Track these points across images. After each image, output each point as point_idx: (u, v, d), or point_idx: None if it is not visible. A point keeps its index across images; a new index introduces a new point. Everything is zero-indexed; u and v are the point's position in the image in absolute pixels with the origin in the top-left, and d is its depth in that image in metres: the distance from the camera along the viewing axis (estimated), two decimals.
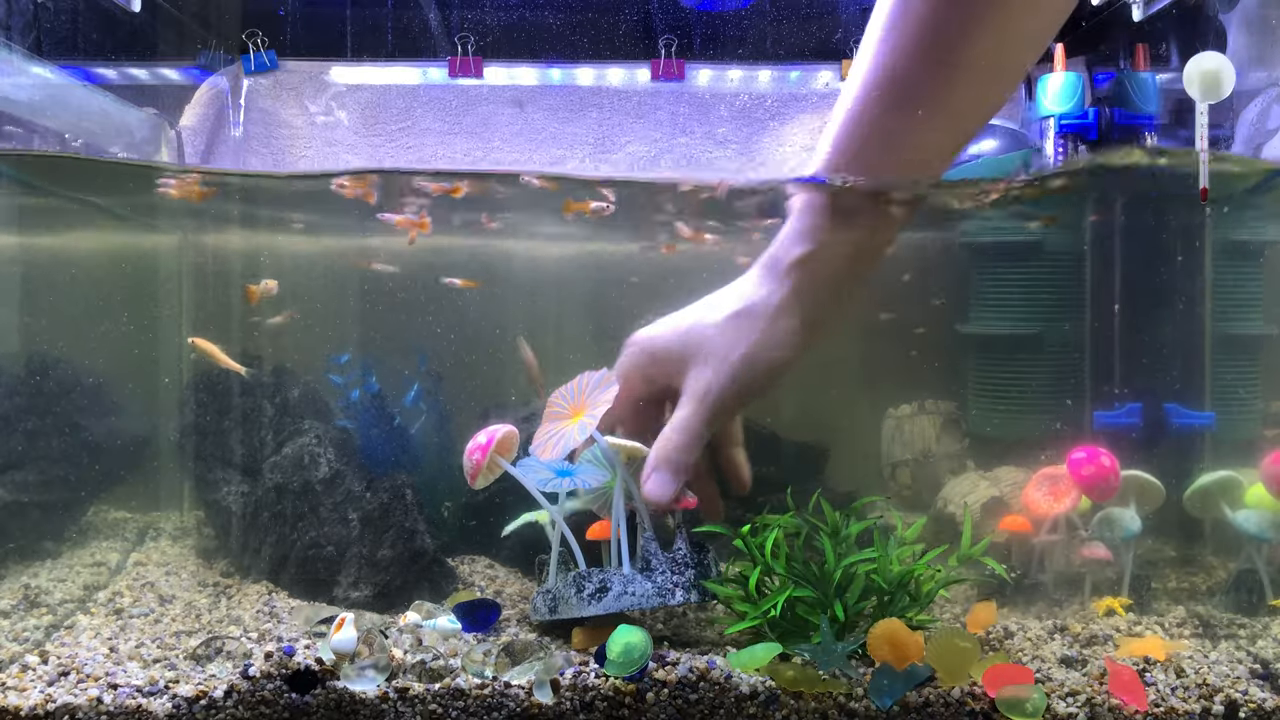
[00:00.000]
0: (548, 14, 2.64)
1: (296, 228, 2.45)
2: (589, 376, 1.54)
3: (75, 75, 2.47)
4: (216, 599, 1.83)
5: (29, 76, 2.20)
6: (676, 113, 2.73)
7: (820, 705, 1.34)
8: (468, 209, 2.22)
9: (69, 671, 1.43)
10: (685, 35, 2.69)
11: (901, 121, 1.33)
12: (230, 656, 1.47)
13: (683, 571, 1.48)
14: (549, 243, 2.52)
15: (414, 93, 2.73)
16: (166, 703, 1.34)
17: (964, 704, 1.34)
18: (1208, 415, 1.96)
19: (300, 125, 2.72)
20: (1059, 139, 2.25)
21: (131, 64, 2.63)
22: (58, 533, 2.16)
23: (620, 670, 1.36)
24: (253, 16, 2.68)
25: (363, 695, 1.36)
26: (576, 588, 1.49)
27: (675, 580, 1.48)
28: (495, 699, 1.36)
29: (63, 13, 2.31)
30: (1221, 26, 2.25)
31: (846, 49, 2.69)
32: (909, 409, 2.31)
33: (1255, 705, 1.36)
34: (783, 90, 2.72)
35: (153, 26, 2.58)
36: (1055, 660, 1.50)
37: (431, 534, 1.85)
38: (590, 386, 1.52)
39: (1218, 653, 1.54)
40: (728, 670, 1.37)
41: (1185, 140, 2.25)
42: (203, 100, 2.68)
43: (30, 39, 2.19)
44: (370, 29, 2.70)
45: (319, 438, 1.95)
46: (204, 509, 2.11)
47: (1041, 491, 1.76)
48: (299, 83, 2.71)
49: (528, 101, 2.73)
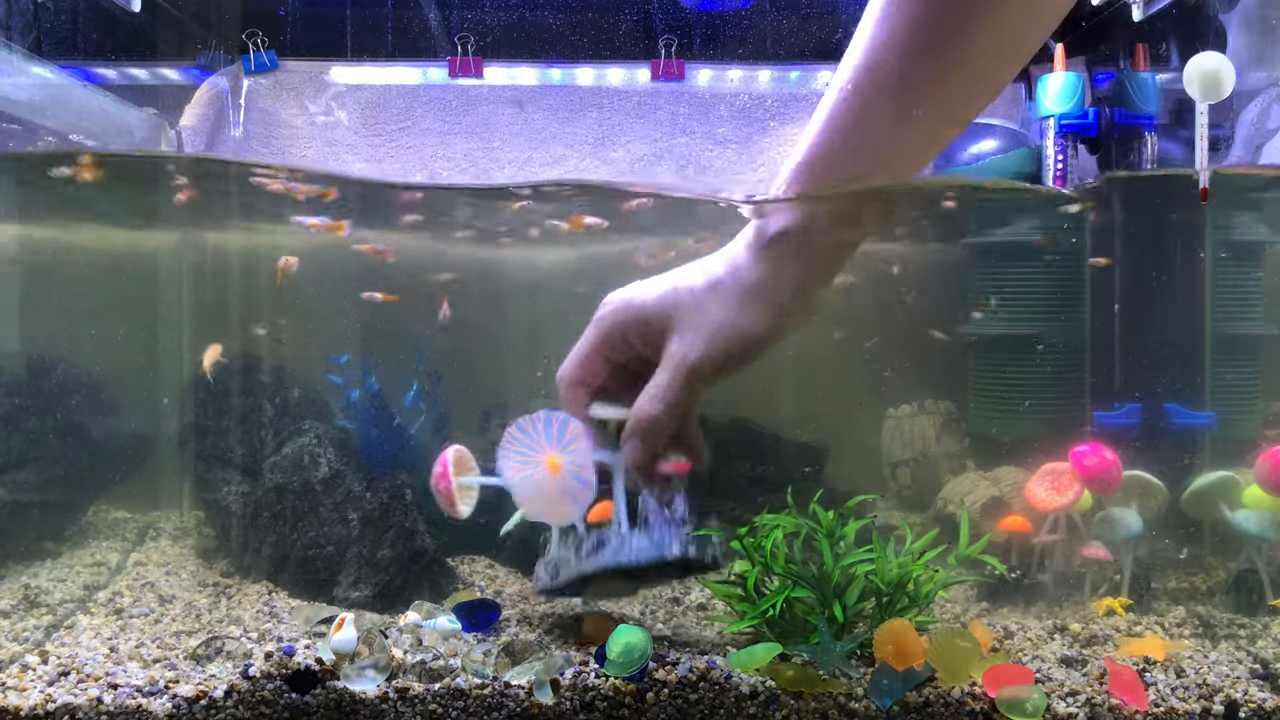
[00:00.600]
0: (548, 14, 2.64)
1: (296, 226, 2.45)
2: (553, 418, 1.51)
3: (75, 75, 2.47)
4: (216, 599, 1.83)
5: (29, 76, 2.20)
6: (676, 113, 2.73)
7: (820, 705, 1.34)
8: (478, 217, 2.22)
9: (69, 671, 1.43)
10: (685, 35, 2.69)
11: (887, 115, 1.31)
12: (230, 656, 1.47)
13: (679, 528, 1.49)
14: (542, 248, 2.53)
15: (414, 93, 2.73)
16: (166, 703, 1.34)
17: (964, 704, 1.34)
18: (1208, 415, 1.96)
19: (300, 125, 2.72)
20: (1059, 139, 2.25)
21: (131, 64, 2.63)
22: (58, 533, 2.16)
23: (620, 670, 1.36)
24: (253, 16, 2.68)
25: (363, 695, 1.36)
26: (575, 549, 1.50)
27: (672, 535, 1.48)
28: (495, 699, 1.36)
29: (63, 13, 2.31)
30: (1221, 26, 2.25)
31: (846, 49, 2.69)
32: (909, 409, 2.31)
33: (1255, 705, 1.36)
34: (783, 90, 2.72)
35: (153, 26, 2.58)
36: (1055, 660, 1.50)
37: (431, 534, 1.85)
38: (558, 434, 1.51)
39: (1218, 653, 1.54)
40: (728, 670, 1.37)
41: (1185, 140, 2.25)
42: (203, 100, 2.68)
43: (30, 39, 2.19)
44: (370, 29, 2.70)
45: (319, 438, 1.95)
46: (204, 509, 2.11)
47: (1044, 487, 1.76)
48: (299, 83, 2.71)
49: (528, 101, 2.73)
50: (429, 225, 2.30)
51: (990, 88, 1.35)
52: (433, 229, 2.36)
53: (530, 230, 2.31)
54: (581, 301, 1.57)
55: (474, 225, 2.32)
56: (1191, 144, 1.97)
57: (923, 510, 2.16)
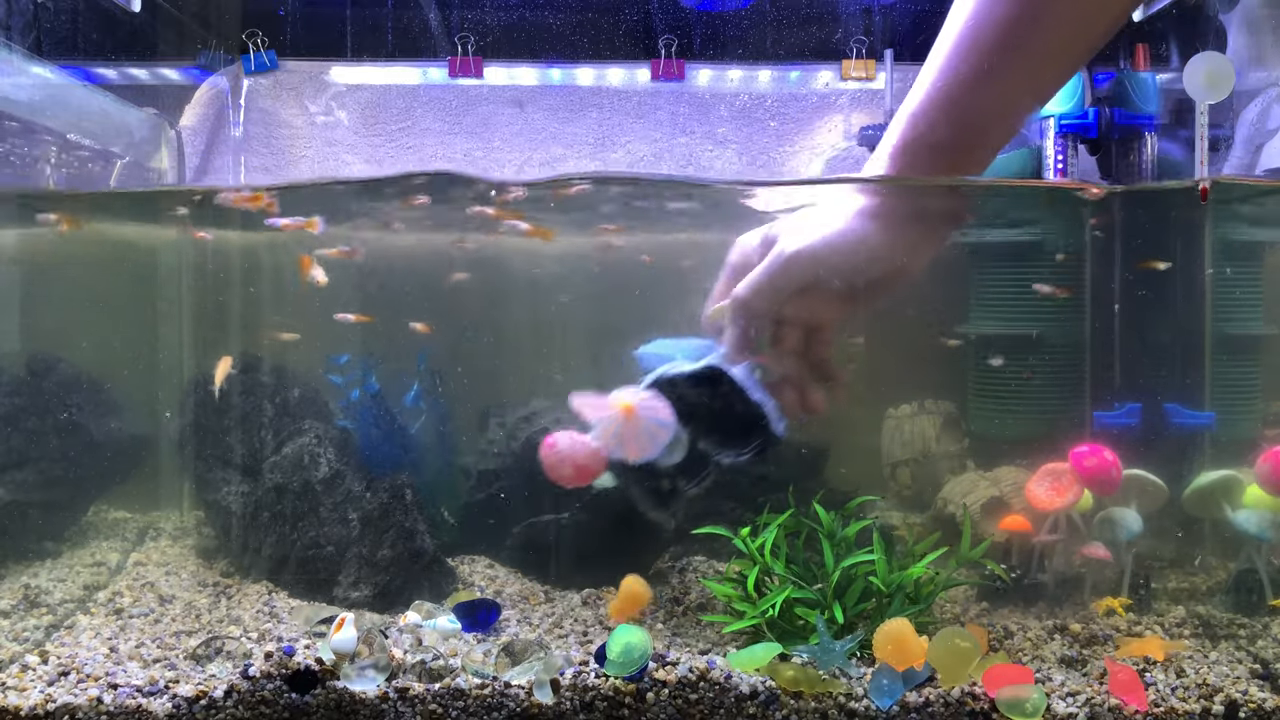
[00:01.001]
0: (548, 14, 2.64)
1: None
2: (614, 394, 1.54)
3: (75, 75, 2.47)
4: (216, 599, 1.82)
5: (29, 76, 2.20)
6: (676, 113, 2.73)
7: (820, 705, 1.34)
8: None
9: (69, 671, 1.43)
10: (685, 35, 2.69)
11: (974, 101, 1.34)
12: (230, 656, 1.47)
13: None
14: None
15: (414, 93, 2.73)
16: (166, 703, 1.34)
17: (964, 704, 1.34)
18: (1208, 415, 1.96)
19: (300, 125, 2.72)
20: (1059, 139, 2.25)
21: (131, 64, 2.63)
22: (58, 533, 2.16)
23: (620, 670, 1.36)
24: (253, 16, 2.68)
25: (363, 695, 1.36)
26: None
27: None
28: (495, 699, 1.36)
29: (63, 13, 2.31)
30: (1221, 26, 2.25)
31: (846, 49, 2.69)
32: (909, 409, 2.31)
33: (1255, 705, 1.36)
34: (783, 90, 2.72)
35: (153, 26, 2.58)
36: (1055, 660, 1.50)
37: (431, 534, 1.85)
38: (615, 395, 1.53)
39: (1218, 653, 1.54)
40: (728, 670, 1.37)
41: (1185, 140, 2.25)
42: (203, 100, 2.68)
43: (30, 39, 2.19)
44: (370, 29, 2.70)
45: (319, 438, 1.95)
46: (204, 509, 2.11)
47: (1044, 487, 1.76)
48: (299, 83, 2.72)
49: (528, 101, 2.73)
50: (430, 221, 2.30)
51: (1063, 73, 1.38)
52: (433, 224, 2.36)
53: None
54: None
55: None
56: (1191, 144, 1.97)
57: (923, 510, 2.16)
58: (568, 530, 1.92)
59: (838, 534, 1.56)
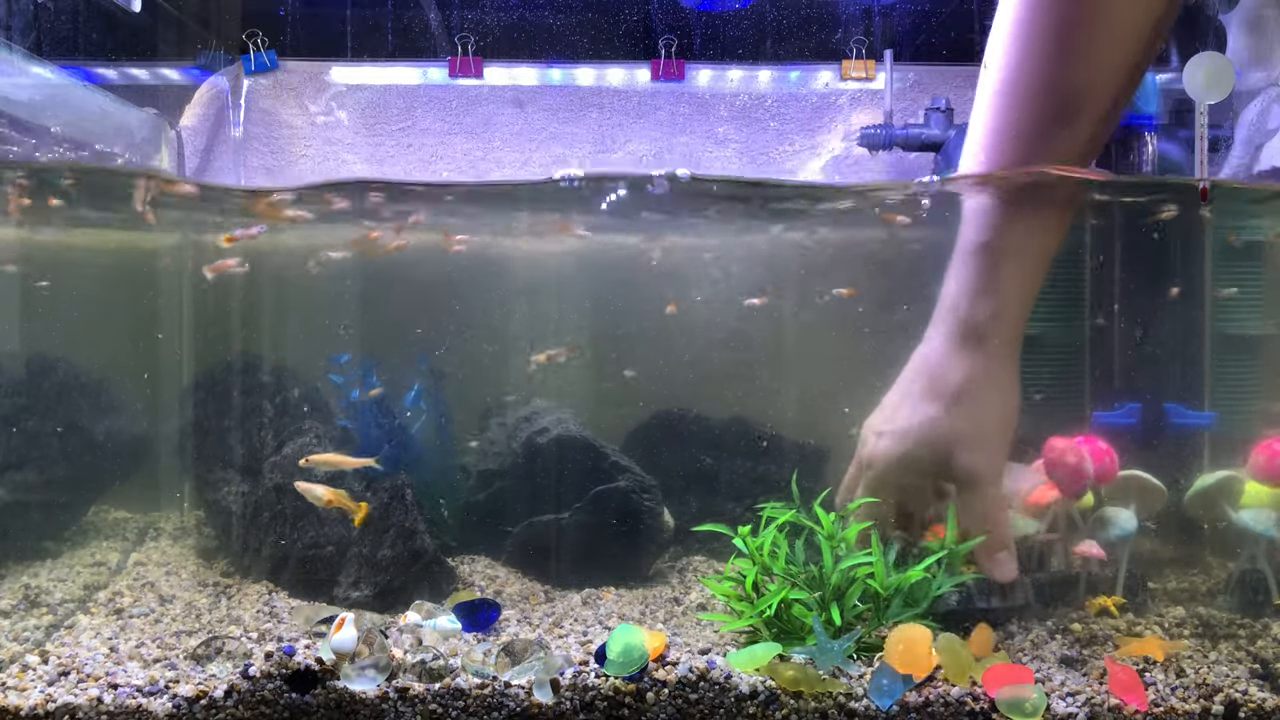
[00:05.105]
0: (548, 14, 2.65)
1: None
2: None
3: (75, 75, 2.47)
4: (216, 599, 1.83)
5: (29, 76, 2.20)
6: (676, 113, 2.74)
7: (820, 705, 1.34)
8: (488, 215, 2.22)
9: (69, 671, 1.43)
10: (685, 35, 2.69)
11: (1062, 46, 1.36)
12: (230, 656, 1.47)
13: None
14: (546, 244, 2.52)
15: (414, 93, 2.73)
16: (166, 702, 1.34)
17: (964, 704, 1.34)
18: (1208, 415, 1.95)
19: (300, 125, 2.72)
20: None
21: (131, 64, 2.63)
22: (58, 533, 2.16)
23: (620, 670, 1.36)
24: (253, 16, 2.69)
25: (363, 695, 1.36)
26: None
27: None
28: (495, 699, 1.36)
29: (63, 13, 2.31)
30: (1221, 26, 2.25)
31: (846, 49, 2.69)
32: None
33: (1255, 705, 1.36)
34: (783, 90, 2.72)
35: (153, 26, 2.58)
36: (1055, 660, 1.50)
37: (431, 534, 1.85)
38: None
39: (1218, 653, 1.54)
40: (727, 670, 1.37)
41: (1185, 140, 2.25)
42: (203, 100, 2.68)
43: (30, 39, 2.20)
44: (370, 29, 2.70)
45: (319, 438, 1.95)
46: (204, 509, 2.11)
47: (1033, 482, 1.76)
48: (299, 83, 2.72)
49: (528, 101, 2.74)
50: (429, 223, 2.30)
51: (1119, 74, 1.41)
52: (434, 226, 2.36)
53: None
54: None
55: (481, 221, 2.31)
56: (1191, 144, 1.97)
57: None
58: (568, 530, 1.92)
59: (838, 535, 1.56)
